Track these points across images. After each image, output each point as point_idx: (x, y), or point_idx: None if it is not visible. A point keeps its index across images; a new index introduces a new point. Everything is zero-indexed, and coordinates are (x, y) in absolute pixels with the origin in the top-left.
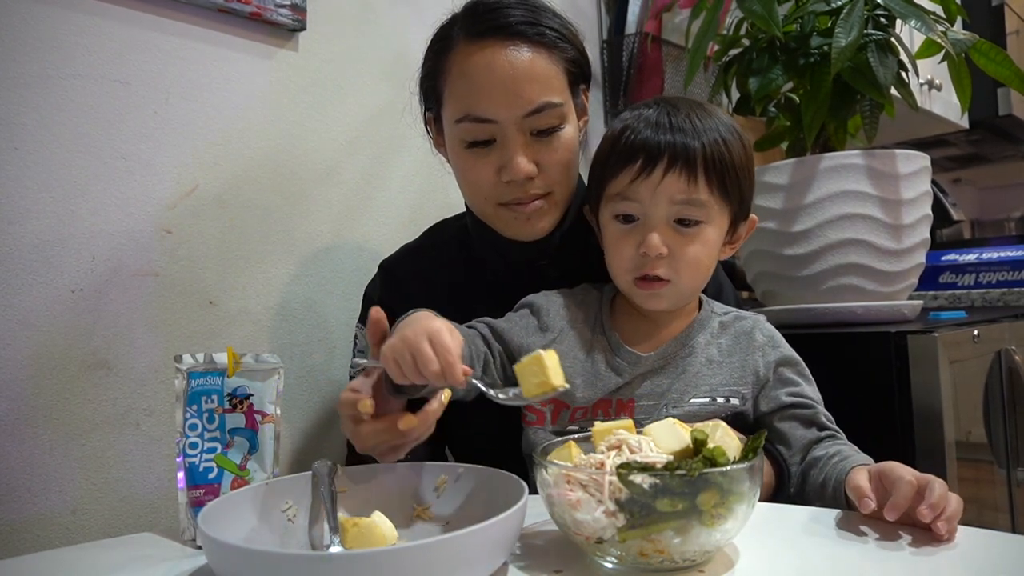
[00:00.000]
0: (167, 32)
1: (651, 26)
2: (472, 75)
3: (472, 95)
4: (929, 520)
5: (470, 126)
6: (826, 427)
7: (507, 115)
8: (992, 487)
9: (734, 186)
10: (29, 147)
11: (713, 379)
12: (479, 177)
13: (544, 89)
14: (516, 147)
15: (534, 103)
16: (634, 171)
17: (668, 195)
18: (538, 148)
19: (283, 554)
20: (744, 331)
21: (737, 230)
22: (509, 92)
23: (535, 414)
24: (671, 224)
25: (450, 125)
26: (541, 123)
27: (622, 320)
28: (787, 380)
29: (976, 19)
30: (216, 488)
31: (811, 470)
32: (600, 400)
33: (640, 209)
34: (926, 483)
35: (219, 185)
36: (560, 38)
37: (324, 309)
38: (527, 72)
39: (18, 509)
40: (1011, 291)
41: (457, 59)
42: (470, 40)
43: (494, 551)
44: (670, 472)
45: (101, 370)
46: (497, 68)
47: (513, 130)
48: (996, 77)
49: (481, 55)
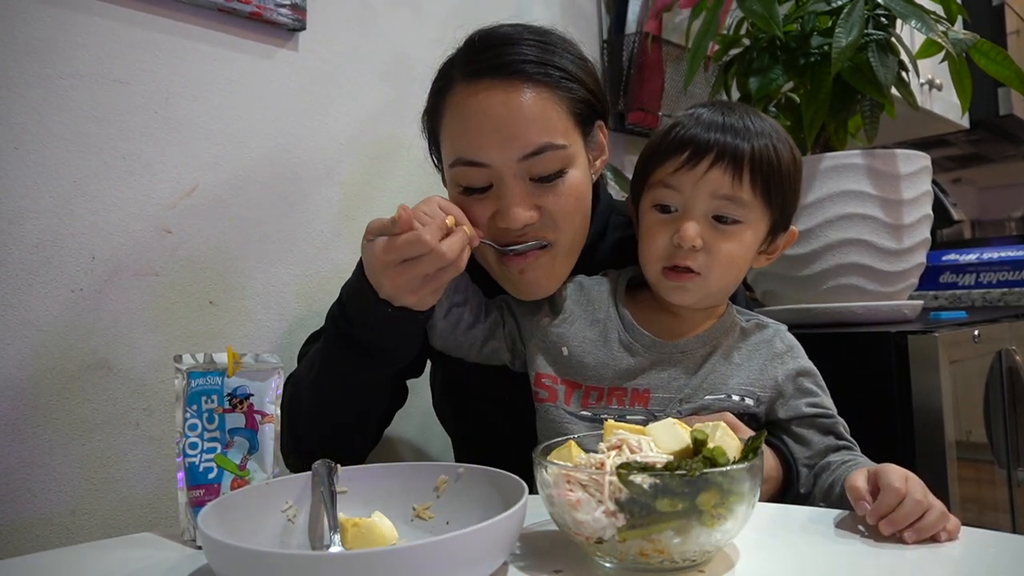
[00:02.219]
0: (167, 32)
1: (651, 26)
2: (465, 118)
3: (464, 138)
4: (888, 534)
5: (463, 170)
6: (843, 437)
7: (501, 159)
8: (992, 487)
9: (778, 192)
10: (29, 147)
11: (730, 379)
12: (475, 221)
13: (544, 131)
14: (514, 194)
15: (532, 145)
16: (680, 161)
17: (710, 189)
18: (540, 194)
19: (283, 554)
20: (765, 339)
21: (776, 240)
22: (504, 134)
23: (546, 391)
24: (709, 219)
25: (446, 167)
26: (541, 167)
27: (643, 312)
28: (807, 391)
29: (976, 19)
30: (216, 488)
31: (823, 473)
32: (614, 388)
33: (680, 200)
34: (907, 493)
35: (219, 185)
36: (566, 77)
37: (324, 309)
38: (524, 113)
39: (18, 509)
40: (1011, 291)
41: (453, 101)
42: (467, 81)
43: (494, 551)
44: (670, 472)
45: (101, 370)
46: (492, 109)
47: (510, 176)
48: (996, 77)
49: (475, 99)
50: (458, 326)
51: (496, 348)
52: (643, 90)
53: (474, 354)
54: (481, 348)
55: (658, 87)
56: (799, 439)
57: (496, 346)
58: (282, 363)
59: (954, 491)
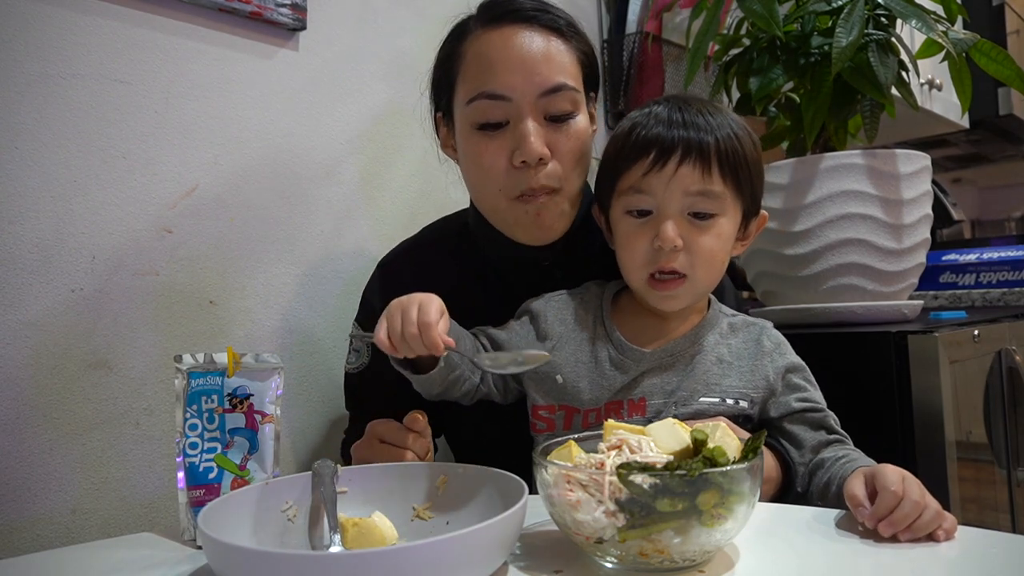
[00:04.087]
0: (167, 32)
1: (651, 26)
2: (488, 53)
3: (487, 72)
4: (887, 535)
5: (483, 103)
6: (834, 431)
7: (522, 92)
8: (992, 487)
9: (746, 179)
10: (29, 147)
11: (724, 380)
12: (491, 161)
13: (561, 71)
14: (530, 127)
15: (551, 82)
16: (647, 164)
17: (683, 187)
18: (552, 134)
19: (283, 554)
20: (753, 337)
21: (748, 226)
22: (526, 69)
23: (544, 422)
24: (686, 217)
25: (461, 109)
26: (556, 106)
27: (628, 318)
28: (796, 386)
29: (976, 19)
30: (216, 488)
31: (817, 471)
32: (610, 403)
33: (653, 202)
34: (904, 495)
35: (219, 185)
36: (572, 30)
37: (324, 309)
38: (544, 52)
39: (18, 509)
40: (1011, 291)
41: (473, 43)
42: (487, 26)
43: (494, 551)
44: (670, 472)
45: (101, 370)
46: (514, 46)
47: (528, 110)
48: (997, 77)
49: (498, 34)
50: (455, 386)
51: (486, 393)
52: (643, 90)
53: (466, 402)
54: (473, 396)
55: (658, 87)
56: (791, 438)
57: (485, 391)
58: (282, 363)
59: (954, 491)
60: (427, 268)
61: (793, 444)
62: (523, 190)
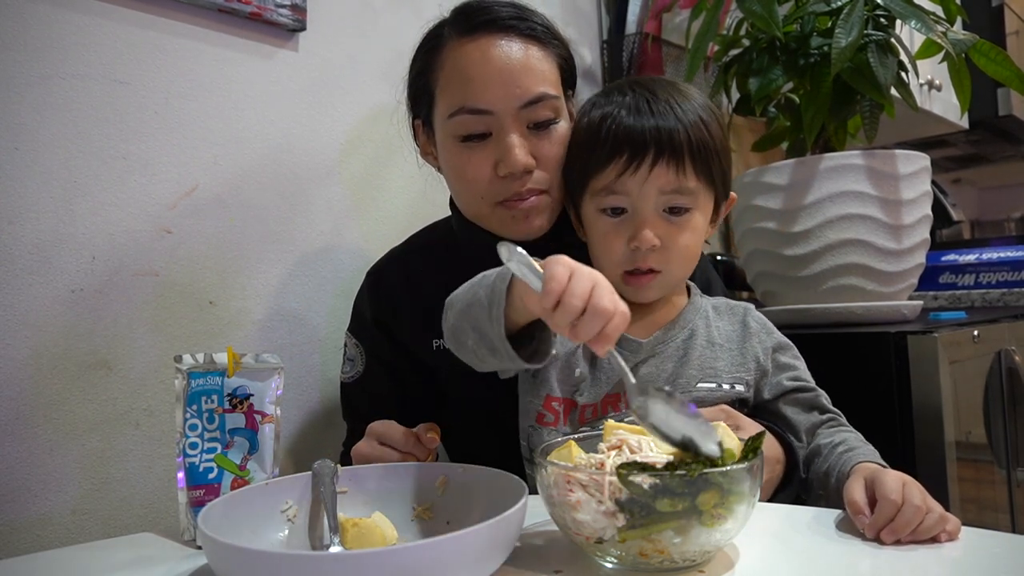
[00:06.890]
0: (167, 32)
1: (651, 26)
2: (466, 67)
3: (467, 86)
4: (890, 542)
5: (465, 118)
6: (827, 410)
7: (504, 105)
8: (992, 487)
9: (717, 168)
10: (29, 147)
11: (716, 362)
12: (475, 173)
13: (541, 80)
14: (514, 140)
15: (531, 93)
16: (620, 165)
17: (657, 187)
18: (535, 142)
19: (283, 554)
20: (738, 318)
21: (718, 210)
22: (506, 82)
23: (553, 414)
24: (661, 214)
25: (442, 122)
26: (538, 115)
27: None
28: (785, 365)
29: (976, 19)
30: (216, 488)
31: (815, 458)
32: (607, 395)
33: (628, 201)
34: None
35: (219, 185)
36: (549, 35)
37: (324, 309)
38: (523, 63)
39: (18, 509)
40: (1011, 291)
41: (450, 55)
42: (462, 36)
43: (494, 551)
44: (670, 472)
45: (101, 370)
46: (492, 59)
47: (510, 121)
48: (996, 77)
49: (475, 46)
50: None
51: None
52: None
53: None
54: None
55: None
56: (786, 423)
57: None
58: (282, 363)
59: (954, 491)
60: (415, 276)
61: (788, 429)
62: (507, 196)
